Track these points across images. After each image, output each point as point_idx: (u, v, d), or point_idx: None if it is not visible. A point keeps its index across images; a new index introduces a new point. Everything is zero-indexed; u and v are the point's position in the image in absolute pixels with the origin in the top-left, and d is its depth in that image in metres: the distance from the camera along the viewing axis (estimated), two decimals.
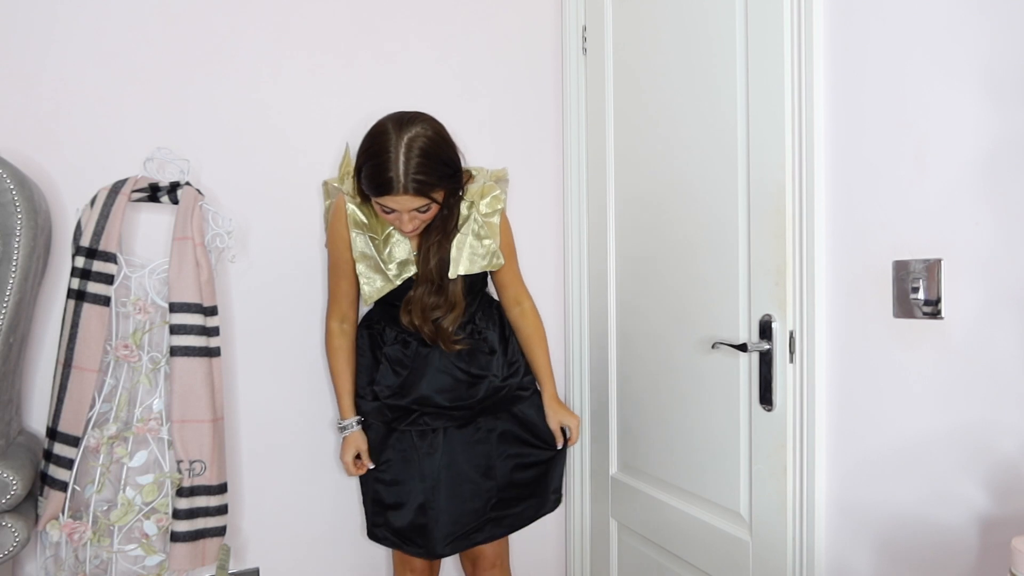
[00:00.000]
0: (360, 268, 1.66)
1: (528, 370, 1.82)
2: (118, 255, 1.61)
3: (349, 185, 1.71)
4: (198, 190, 1.70)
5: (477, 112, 2.08)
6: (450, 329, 1.67)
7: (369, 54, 1.97)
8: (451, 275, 1.66)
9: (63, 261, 1.70)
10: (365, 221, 1.66)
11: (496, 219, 1.72)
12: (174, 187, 1.68)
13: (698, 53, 1.61)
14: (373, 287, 1.67)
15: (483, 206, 1.70)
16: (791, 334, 1.38)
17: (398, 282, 1.65)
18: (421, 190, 1.49)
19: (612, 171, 1.95)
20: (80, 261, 1.59)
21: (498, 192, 1.73)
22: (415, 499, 1.68)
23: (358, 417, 1.73)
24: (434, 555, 1.68)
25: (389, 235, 1.67)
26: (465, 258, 1.67)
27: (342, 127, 1.95)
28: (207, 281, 1.64)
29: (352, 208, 1.66)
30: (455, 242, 1.67)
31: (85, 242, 1.59)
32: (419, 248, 1.67)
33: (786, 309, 1.38)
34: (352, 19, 1.96)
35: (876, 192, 1.22)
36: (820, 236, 1.32)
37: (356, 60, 1.96)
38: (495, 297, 1.86)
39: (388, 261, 1.66)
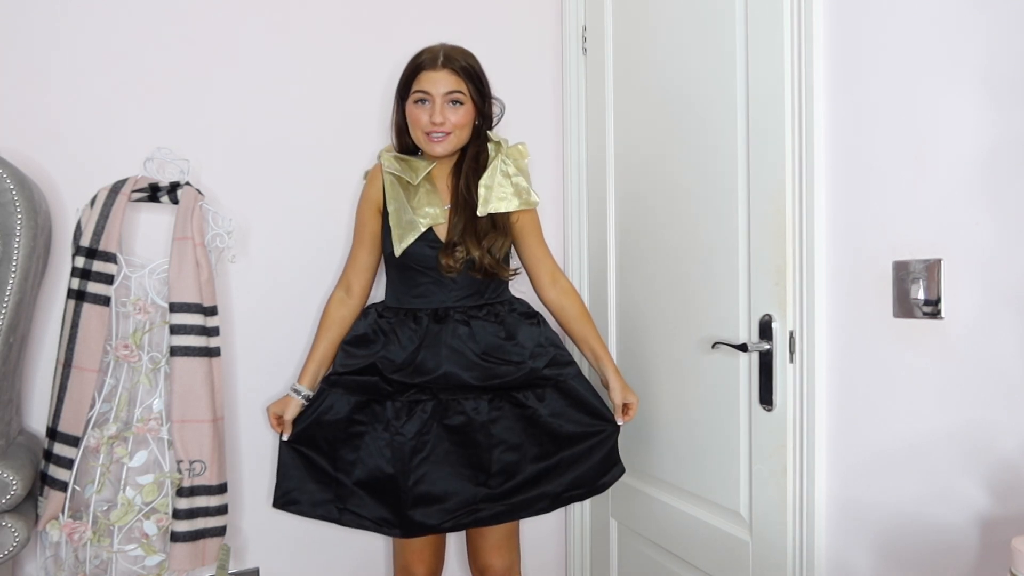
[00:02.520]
0: (392, 220, 1.67)
1: (552, 361, 1.67)
2: (118, 255, 1.62)
3: (390, 146, 1.80)
4: (198, 190, 1.70)
5: None
6: (499, 257, 1.68)
7: (369, 54, 1.97)
8: (480, 212, 1.67)
9: (63, 261, 1.70)
10: (399, 165, 1.70)
11: (525, 162, 1.76)
12: (174, 187, 1.68)
13: (698, 53, 1.61)
14: (402, 236, 1.65)
15: (507, 148, 1.75)
16: (791, 334, 1.38)
17: (423, 229, 1.65)
18: (455, 69, 1.63)
19: (612, 171, 1.95)
20: (80, 261, 1.59)
21: (522, 145, 1.78)
22: (382, 469, 1.58)
23: (309, 392, 1.67)
24: (410, 528, 1.57)
25: (421, 185, 1.69)
26: (495, 197, 1.69)
27: (342, 126, 1.95)
28: (207, 281, 1.64)
29: (388, 158, 1.72)
30: (483, 181, 1.69)
31: (85, 242, 1.59)
32: (453, 192, 1.70)
33: (786, 309, 1.38)
34: (352, 19, 1.96)
35: (876, 192, 1.22)
36: (820, 236, 1.32)
37: (356, 59, 1.96)
38: (513, 295, 1.78)
39: (417, 208, 1.67)
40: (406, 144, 1.75)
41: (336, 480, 1.61)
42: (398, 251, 1.65)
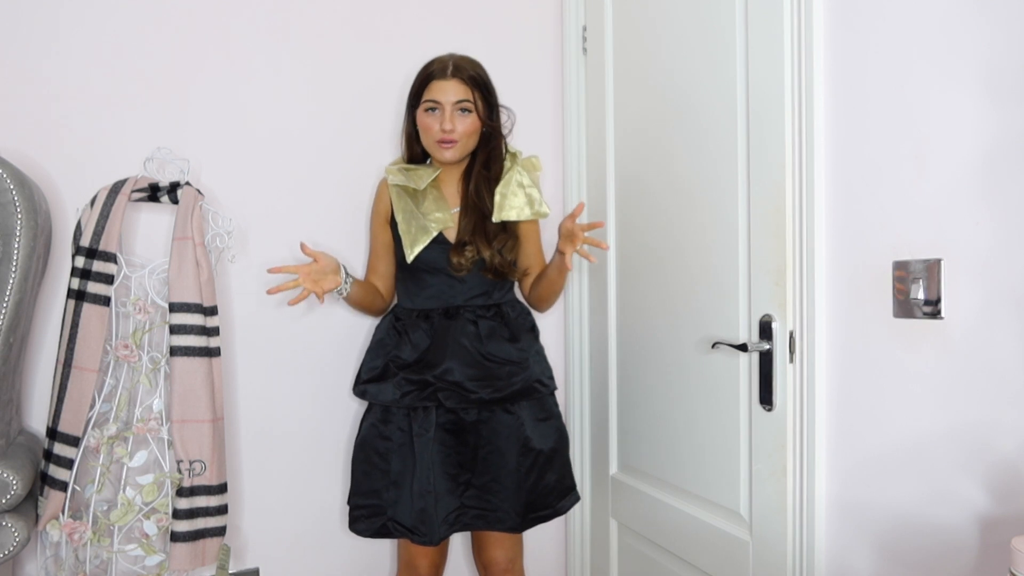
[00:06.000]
0: (401, 228, 1.73)
1: (532, 375, 1.72)
2: (118, 255, 1.62)
3: (398, 159, 1.85)
4: (198, 190, 1.70)
5: None
6: (509, 258, 1.73)
7: (368, 54, 1.97)
8: (494, 218, 1.72)
9: (63, 261, 1.70)
10: (403, 175, 1.75)
11: (537, 174, 1.82)
12: (174, 187, 1.68)
13: (698, 53, 1.61)
14: (414, 241, 1.71)
15: (522, 160, 1.80)
16: (791, 334, 1.38)
17: (434, 232, 1.70)
18: (464, 79, 1.68)
19: (612, 171, 1.95)
20: (80, 261, 1.59)
21: (535, 158, 1.83)
22: (416, 485, 1.64)
23: (350, 277, 1.69)
24: (435, 541, 1.64)
25: (427, 191, 1.75)
26: (509, 205, 1.74)
27: (342, 126, 1.95)
28: (207, 281, 1.64)
29: (392, 171, 1.77)
30: (499, 189, 1.74)
31: (85, 242, 1.59)
32: (463, 196, 1.75)
33: (786, 309, 1.38)
34: (351, 19, 1.96)
35: (876, 192, 1.22)
36: (820, 236, 1.32)
37: (355, 59, 1.96)
38: (516, 298, 1.84)
39: (426, 214, 1.73)
40: (415, 152, 1.80)
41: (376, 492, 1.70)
42: (410, 257, 1.71)
